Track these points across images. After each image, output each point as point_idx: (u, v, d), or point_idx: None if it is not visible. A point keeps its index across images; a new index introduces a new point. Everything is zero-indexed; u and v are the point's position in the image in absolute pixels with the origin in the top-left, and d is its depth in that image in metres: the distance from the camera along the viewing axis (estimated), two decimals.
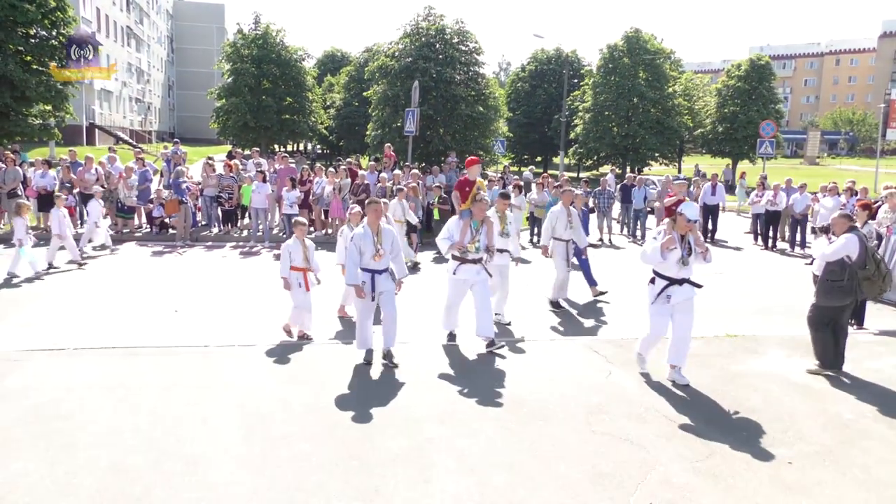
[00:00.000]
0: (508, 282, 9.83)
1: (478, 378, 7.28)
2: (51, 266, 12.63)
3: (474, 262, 8.21)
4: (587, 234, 18.04)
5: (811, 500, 4.88)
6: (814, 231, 12.37)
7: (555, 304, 10.91)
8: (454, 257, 8.26)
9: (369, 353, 7.64)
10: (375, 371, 7.47)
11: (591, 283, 11.84)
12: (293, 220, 8.88)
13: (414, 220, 14.12)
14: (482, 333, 8.15)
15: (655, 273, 7.23)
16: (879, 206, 13.58)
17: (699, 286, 7.22)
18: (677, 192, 14.17)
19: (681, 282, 7.10)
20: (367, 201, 7.68)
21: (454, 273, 8.25)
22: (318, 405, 6.40)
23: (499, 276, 9.37)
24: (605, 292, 11.73)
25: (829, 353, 7.70)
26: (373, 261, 7.46)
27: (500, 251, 9.27)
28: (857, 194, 15.64)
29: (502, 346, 8.14)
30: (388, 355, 7.61)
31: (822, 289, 7.83)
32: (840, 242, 7.65)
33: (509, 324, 9.71)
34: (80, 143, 43.70)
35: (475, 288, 8.24)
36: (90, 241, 14.81)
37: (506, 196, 10.03)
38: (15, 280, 11.85)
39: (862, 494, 4.99)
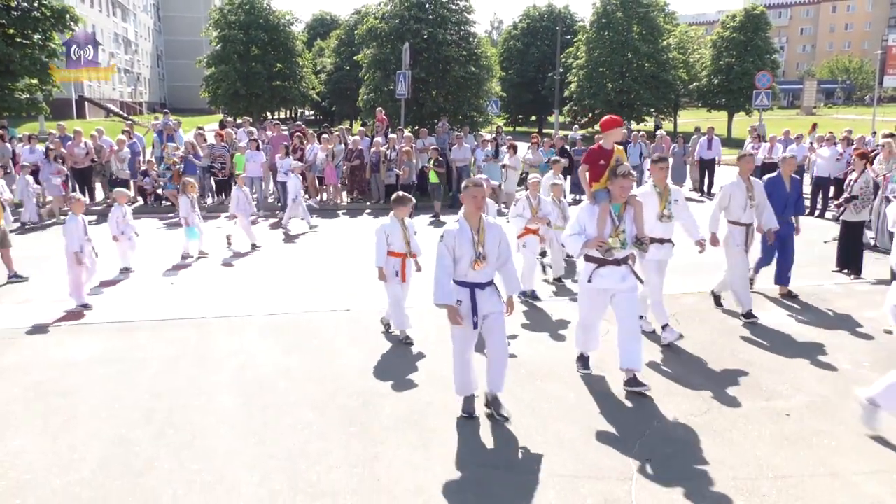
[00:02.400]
0: (663, 280, 7.27)
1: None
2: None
3: (618, 263, 5.89)
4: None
5: (810, 450, 4.92)
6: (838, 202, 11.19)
7: (748, 315, 7.92)
8: (589, 259, 5.97)
9: (470, 401, 5.57)
10: (373, 339, 7.48)
11: (782, 279, 8.97)
12: (395, 197, 7.22)
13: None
14: (627, 365, 5.95)
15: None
16: (876, 154, 13.53)
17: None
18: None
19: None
20: (463, 185, 5.38)
21: (589, 280, 5.96)
22: (317, 373, 6.42)
23: (657, 273, 7.14)
24: (796, 296, 8.86)
25: None
26: (472, 270, 5.26)
27: (661, 241, 7.02)
28: (853, 143, 15.54)
29: (646, 388, 5.89)
30: (494, 403, 5.50)
31: None
32: None
33: (653, 332, 7.41)
34: (70, 117, 43.21)
35: (619, 301, 5.97)
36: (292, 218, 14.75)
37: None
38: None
39: (860, 443, 5.03)
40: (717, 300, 8.56)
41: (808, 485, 4.48)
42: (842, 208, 10.25)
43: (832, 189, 15.47)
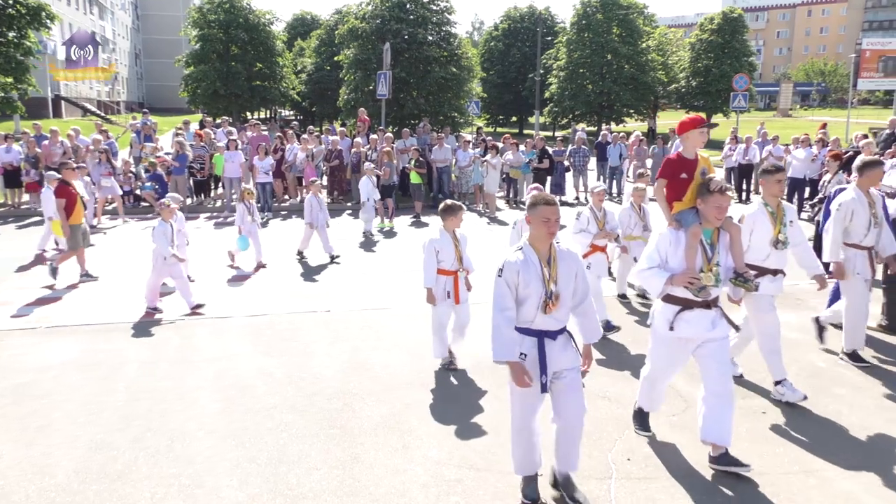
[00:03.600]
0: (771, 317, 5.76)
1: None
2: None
3: (707, 305, 4.59)
4: (563, 192, 18.28)
5: (785, 448, 4.99)
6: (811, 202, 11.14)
7: (854, 357, 6.68)
8: (670, 299, 4.64)
9: (532, 484, 4.37)
10: (354, 340, 7.47)
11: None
12: (445, 206, 6.44)
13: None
14: (716, 439, 4.65)
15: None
16: (849, 156, 13.73)
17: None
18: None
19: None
20: (530, 202, 4.10)
21: (671, 328, 4.64)
22: (297, 375, 6.40)
23: (770, 311, 5.73)
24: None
25: None
26: (542, 313, 4.06)
27: (774, 273, 5.74)
28: (828, 145, 15.76)
29: (747, 468, 4.62)
30: (566, 485, 4.38)
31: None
32: None
33: (741, 376, 6.26)
34: (46, 116, 42.57)
35: (706, 353, 4.68)
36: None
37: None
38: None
39: (836, 440, 5.11)
40: (821, 332, 7.22)
41: (784, 482, 4.54)
42: (816, 209, 10.39)
43: (807, 190, 15.67)
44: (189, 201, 17.34)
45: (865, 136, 15.53)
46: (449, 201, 6.56)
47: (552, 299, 4.04)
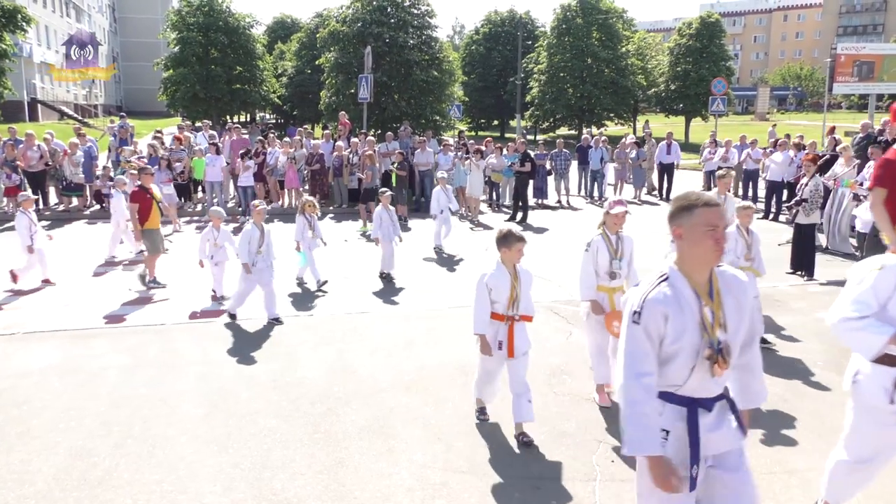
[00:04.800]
0: None
1: (442, 346, 7.30)
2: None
3: None
4: (545, 196, 18.35)
5: (767, 449, 5.04)
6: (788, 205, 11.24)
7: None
8: (891, 360, 3.33)
9: None
10: (339, 344, 7.44)
11: None
12: (503, 235, 5.04)
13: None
14: None
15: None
16: (826, 159, 13.97)
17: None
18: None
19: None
20: (681, 205, 2.84)
21: (892, 401, 3.39)
22: (281, 380, 6.36)
23: None
24: None
25: None
26: (708, 377, 2.78)
27: None
28: (804, 149, 15.98)
29: None
30: None
31: (871, 244, 8.03)
32: None
33: None
34: (23, 120, 42.00)
35: None
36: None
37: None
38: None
39: (815, 441, 5.17)
40: None
41: (766, 482, 4.58)
42: (793, 211, 10.54)
43: (785, 192, 15.87)
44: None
45: (834, 136, 15.82)
46: (505, 229, 5.08)
47: (722, 355, 2.73)
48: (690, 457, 2.75)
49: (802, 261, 10.34)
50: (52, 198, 17.17)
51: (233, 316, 8.25)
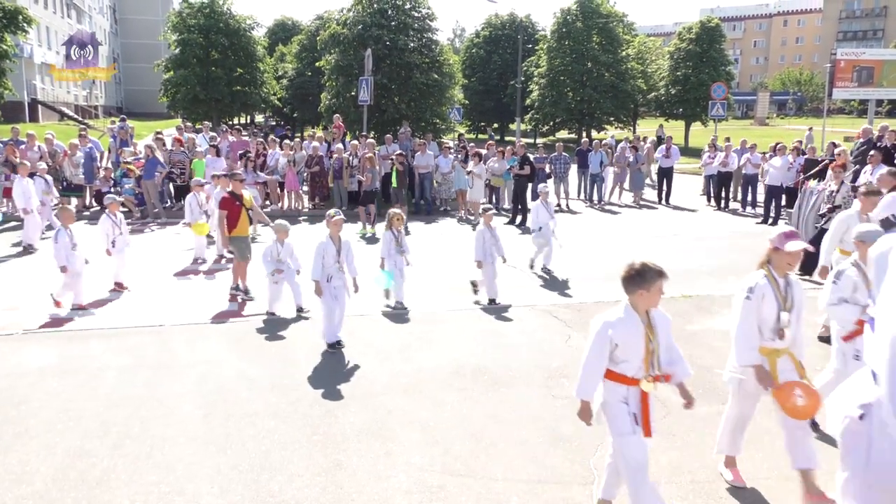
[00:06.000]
0: None
1: (439, 348, 7.30)
2: None
3: None
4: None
5: (764, 453, 5.05)
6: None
7: None
8: None
9: None
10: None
11: None
12: (633, 271, 3.83)
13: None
14: None
15: None
16: (824, 164, 13.99)
17: None
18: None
19: None
20: None
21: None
22: (279, 382, 6.36)
23: None
24: None
25: None
26: None
27: None
28: (804, 153, 16.01)
29: None
30: None
31: None
32: (887, 200, 7.71)
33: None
34: (23, 121, 42.00)
35: None
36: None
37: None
38: None
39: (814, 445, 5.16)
40: None
41: (763, 487, 4.59)
42: (825, 218, 10.45)
43: (784, 197, 15.89)
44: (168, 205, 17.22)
45: (836, 146, 15.84)
46: (639, 263, 3.83)
47: None
48: None
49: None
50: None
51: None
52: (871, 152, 12.04)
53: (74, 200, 16.84)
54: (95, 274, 9.51)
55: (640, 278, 3.81)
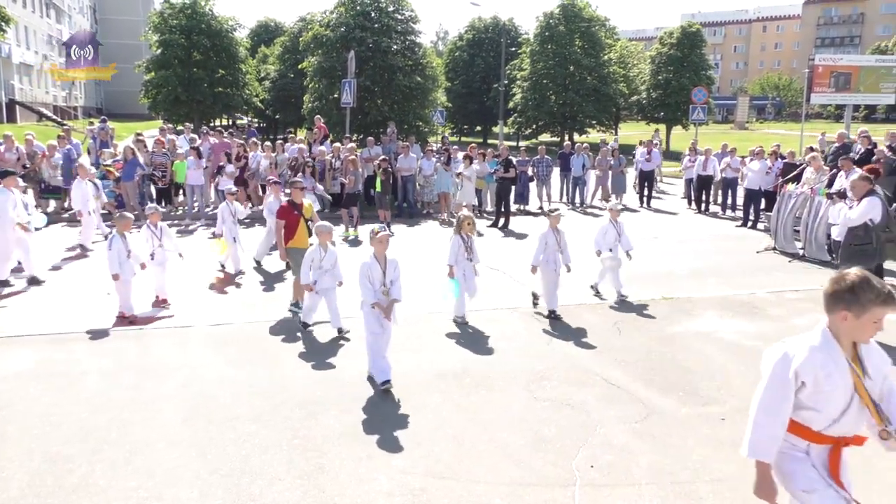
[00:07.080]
0: None
1: (422, 351, 7.30)
2: None
3: None
4: (526, 202, 18.44)
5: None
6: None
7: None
8: None
9: None
10: (320, 349, 7.42)
11: None
12: (850, 284, 2.83)
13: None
14: None
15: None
16: (802, 168, 14.19)
17: None
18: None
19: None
20: None
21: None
22: (261, 385, 6.33)
23: None
24: None
25: None
26: None
27: None
28: (783, 157, 16.19)
29: None
30: None
31: (845, 254, 7.83)
32: (864, 206, 7.72)
33: None
34: (0, 121, 41.50)
35: None
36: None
37: None
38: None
39: None
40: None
41: (744, 487, 4.61)
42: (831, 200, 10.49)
43: (763, 201, 16.06)
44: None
45: (812, 149, 16.06)
46: (856, 276, 2.88)
47: None
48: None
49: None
50: (30, 200, 16.92)
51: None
52: (842, 157, 12.21)
53: (54, 202, 16.64)
54: (138, 287, 9.17)
55: (852, 297, 2.80)
